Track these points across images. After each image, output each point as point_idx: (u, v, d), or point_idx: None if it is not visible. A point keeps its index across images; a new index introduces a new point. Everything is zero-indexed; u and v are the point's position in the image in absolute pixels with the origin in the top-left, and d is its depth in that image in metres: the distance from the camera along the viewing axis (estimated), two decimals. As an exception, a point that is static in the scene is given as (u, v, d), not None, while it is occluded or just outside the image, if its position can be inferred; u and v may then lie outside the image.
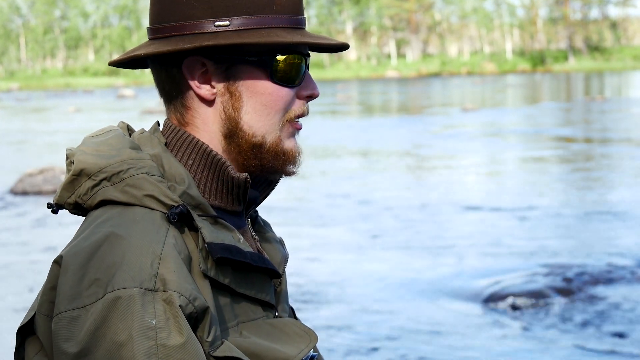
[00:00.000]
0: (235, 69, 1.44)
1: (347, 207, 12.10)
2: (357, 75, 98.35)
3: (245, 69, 1.44)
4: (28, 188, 13.64)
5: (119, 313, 1.24)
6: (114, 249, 1.29)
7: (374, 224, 10.84)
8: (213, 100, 1.45)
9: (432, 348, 6.33)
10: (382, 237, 10.07)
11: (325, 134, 23.91)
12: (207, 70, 1.44)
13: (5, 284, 8.38)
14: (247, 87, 1.44)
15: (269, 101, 1.45)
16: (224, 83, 1.45)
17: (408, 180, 15.15)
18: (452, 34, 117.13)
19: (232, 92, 1.45)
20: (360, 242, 9.89)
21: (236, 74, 1.44)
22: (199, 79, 1.44)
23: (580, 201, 12.42)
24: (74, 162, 1.40)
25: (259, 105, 1.45)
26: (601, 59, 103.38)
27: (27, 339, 1.39)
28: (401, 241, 9.84)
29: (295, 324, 1.46)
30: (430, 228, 10.51)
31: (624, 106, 33.24)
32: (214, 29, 1.41)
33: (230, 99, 1.45)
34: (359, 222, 11.02)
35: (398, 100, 45.72)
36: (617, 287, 7.74)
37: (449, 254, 9.11)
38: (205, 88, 1.45)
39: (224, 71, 1.44)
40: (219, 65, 1.44)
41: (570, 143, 20.55)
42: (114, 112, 38.34)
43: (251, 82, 1.44)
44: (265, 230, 1.62)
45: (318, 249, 9.61)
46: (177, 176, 1.40)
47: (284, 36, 1.42)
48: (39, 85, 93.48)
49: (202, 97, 1.45)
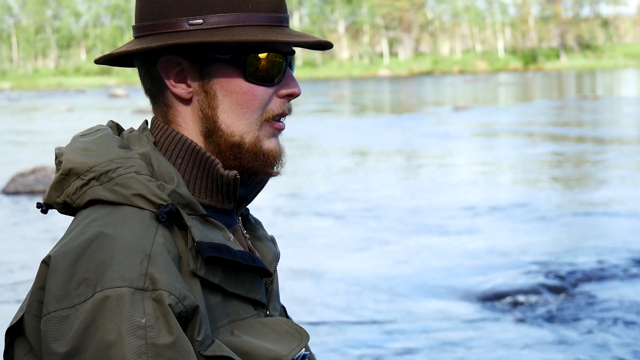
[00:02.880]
0: (210, 68, 1.43)
1: (338, 207, 12.09)
2: (350, 74, 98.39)
3: (219, 67, 1.43)
4: (20, 188, 13.60)
5: (109, 312, 1.23)
6: (103, 248, 1.28)
7: (366, 223, 10.83)
8: (190, 99, 1.45)
9: (426, 344, 6.33)
10: (373, 236, 10.06)
11: (317, 132, 23.90)
12: (182, 69, 1.44)
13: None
14: (221, 85, 1.43)
15: (243, 100, 1.44)
16: (199, 82, 1.44)
17: (400, 179, 15.16)
18: (444, 32, 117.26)
19: (207, 91, 1.44)
20: (352, 241, 9.88)
21: (210, 73, 1.43)
22: (175, 77, 1.44)
23: (572, 199, 12.44)
24: (63, 161, 1.40)
25: (234, 104, 1.44)
26: (593, 57, 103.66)
27: (16, 340, 1.38)
28: (394, 240, 9.83)
29: (287, 323, 1.46)
30: (422, 227, 10.51)
31: (616, 104, 33.32)
32: (188, 27, 1.41)
33: (206, 98, 1.44)
34: (351, 221, 11.02)
35: (390, 99, 45.74)
36: (610, 284, 7.76)
37: (442, 253, 9.11)
38: (181, 87, 1.44)
39: (199, 70, 1.43)
40: (193, 64, 1.43)
41: (562, 141, 20.58)
42: (106, 111, 38.29)
43: (225, 80, 1.43)
44: (256, 228, 1.61)
45: (310, 248, 9.60)
46: (166, 175, 1.40)
47: (256, 34, 1.41)
48: (31, 85, 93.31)
49: (179, 96, 1.45)
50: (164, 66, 1.44)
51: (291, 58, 1.49)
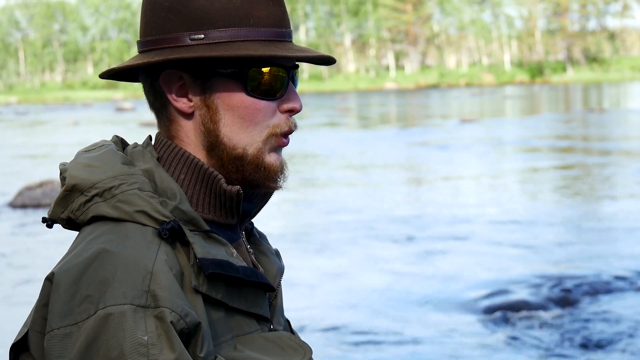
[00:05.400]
0: (211, 82, 1.44)
1: (344, 220, 12.08)
2: (356, 87, 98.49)
3: (221, 81, 1.44)
4: (27, 201, 13.64)
5: (111, 330, 1.24)
6: (106, 265, 1.28)
7: (369, 235, 10.82)
8: (192, 114, 1.45)
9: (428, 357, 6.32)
10: (373, 247, 10.05)
11: (323, 145, 23.91)
12: (184, 84, 1.44)
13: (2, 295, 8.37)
14: (222, 99, 1.44)
15: (245, 114, 1.44)
16: (200, 96, 1.44)
17: (406, 191, 15.15)
18: (451, 45, 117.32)
19: (209, 105, 1.44)
20: (357, 253, 9.87)
21: (212, 87, 1.44)
22: (177, 92, 1.45)
23: (578, 212, 12.42)
24: (66, 177, 1.40)
25: (236, 118, 1.44)
26: (599, 70, 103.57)
27: (20, 356, 1.38)
28: (398, 252, 9.82)
29: (290, 338, 1.46)
30: (426, 239, 10.49)
31: (623, 117, 33.28)
32: (189, 42, 1.42)
33: (208, 112, 1.45)
34: (356, 234, 11.01)
35: (397, 112, 45.75)
36: (616, 297, 7.73)
37: (447, 265, 9.10)
38: (182, 101, 1.45)
39: (201, 84, 1.44)
40: (195, 78, 1.44)
41: (568, 154, 20.56)
42: (112, 124, 38.37)
43: (227, 94, 1.44)
44: (260, 242, 1.61)
45: (314, 260, 9.59)
46: (168, 191, 1.40)
47: (257, 49, 1.41)
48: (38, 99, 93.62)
49: (181, 110, 1.45)
50: (166, 81, 1.44)
51: (294, 72, 1.49)
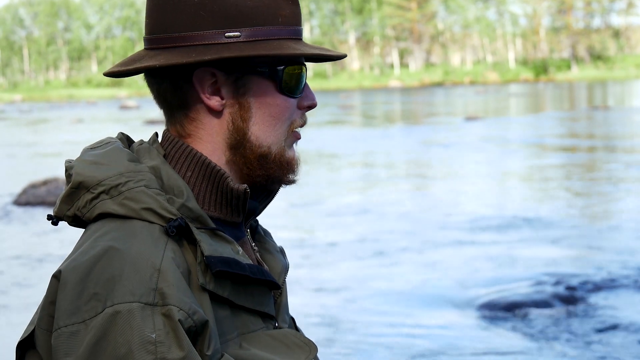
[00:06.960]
0: (245, 80, 1.44)
1: (348, 217, 12.08)
2: (360, 85, 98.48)
3: (255, 80, 1.44)
4: (31, 199, 13.65)
5: (119, 327, 1.24)
6: (113, 263, 1.28)
7: (376, 234, 10.81)
8: (221, 112, 1.45)
9: (433, 355, 6.31)
10: (383, 247, 10.05)
11: (328, 143, 23.91)
12: (216, 81, 1.44)
13: (6, 297, 8.38)
14: (256, 98, 1.44)
15: (276, 112, 1.45)
16: (233, 94, 1.44)
17: (411, 190, 15.13)
18: (455, 43, 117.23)
19: (242, 103, 1.44)
20: (360, 252, 9.87)
21: (246, 85, 1.44)
22: (209, 90, 1.44)
23: (583, 210, 12.41)
24: (72, 174, 1.40)
25: (267, 116, 1.45)
26: (604, 67, 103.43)
27: (27, 353, 1.38)
28: (403, 250, 9.82)
29: (295, 335, 1.46)
30: (431, 238, 10.49)
31: (627, 115, 33.24)
32: (225, 40, 1.41)
33: (239, 110, 1.44)
34: (360, 232, 11.00)
35: (401, 110, 45.73)
36: (620, 295, 7.73)
37: (451, 264, 9.10)
38: (215, 99, 1.44)
39: (234, 82, 1.43)
40: (229, 76, 1.43)
41: (573, 152, 20.54)
42: (116, 122, 38.39)
43: (260, 92, 1.44)
44: (265, 240, 1.61)
45: (319, 260, 9.59)
46: (175, 188, 1.40)
47: (295, 48, 1.43)
48: (42, 97, 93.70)
49: (212, 108, 1.44)
50: (199, 79, 1.43)
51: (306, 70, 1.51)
